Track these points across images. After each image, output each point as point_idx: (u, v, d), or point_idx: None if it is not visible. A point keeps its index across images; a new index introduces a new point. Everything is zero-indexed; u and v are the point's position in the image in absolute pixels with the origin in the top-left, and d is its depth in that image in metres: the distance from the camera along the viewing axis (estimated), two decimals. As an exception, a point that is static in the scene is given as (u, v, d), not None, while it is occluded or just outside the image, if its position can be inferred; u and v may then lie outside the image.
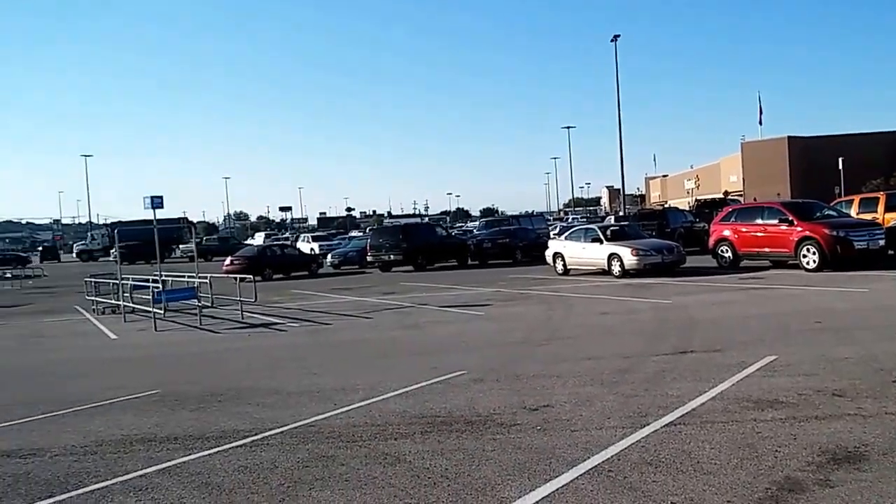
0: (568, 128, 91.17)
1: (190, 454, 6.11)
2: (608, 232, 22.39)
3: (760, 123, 65.17)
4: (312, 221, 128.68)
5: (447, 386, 8.20)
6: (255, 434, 6.61)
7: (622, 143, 47.57)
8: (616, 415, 6.39)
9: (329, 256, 35.60)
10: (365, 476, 5.23)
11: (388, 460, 5.56)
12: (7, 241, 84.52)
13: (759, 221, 20.15)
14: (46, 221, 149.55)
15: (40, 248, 77.68)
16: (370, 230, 44.84)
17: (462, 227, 60.01)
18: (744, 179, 61.31)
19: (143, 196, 17.36)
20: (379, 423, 6.68)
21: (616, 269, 20.55)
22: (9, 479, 5.77)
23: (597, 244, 21.62)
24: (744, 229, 20.47)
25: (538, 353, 10.40)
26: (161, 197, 17.08)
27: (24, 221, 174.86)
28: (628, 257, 20.31)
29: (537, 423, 6.29)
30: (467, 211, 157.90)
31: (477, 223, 58.52)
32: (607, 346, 10.35)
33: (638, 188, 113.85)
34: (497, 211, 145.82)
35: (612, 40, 46.50)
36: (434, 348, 11.59)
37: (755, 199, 39.85)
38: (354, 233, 62.76)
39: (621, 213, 47.25)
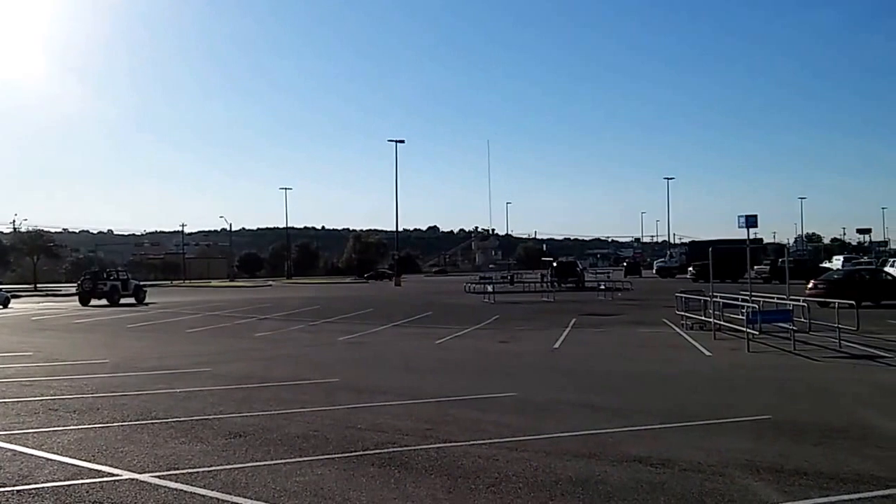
0: None
1: (827, 495, 5.73)
2: None
3: None
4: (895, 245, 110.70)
5: None
6: (897, 486, 5.88)
7: None
8: None
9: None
10: None
11: None
12: (598, 256, 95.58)
13: None
14: (628, 240, 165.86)
15: (624, 264, 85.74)
16: None
17: None
18: None
19: (736, 215, 17.47)
20: None
21: None
22: (646, 486, 6.14)
23: None
24: None
25: None
26: (755, 216, 16.99)
27: (609, 239, 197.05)
28: None
29: None
30: None
31: None
32: None
33: None
34: None
35: None
36: None
37: None
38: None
39: None
